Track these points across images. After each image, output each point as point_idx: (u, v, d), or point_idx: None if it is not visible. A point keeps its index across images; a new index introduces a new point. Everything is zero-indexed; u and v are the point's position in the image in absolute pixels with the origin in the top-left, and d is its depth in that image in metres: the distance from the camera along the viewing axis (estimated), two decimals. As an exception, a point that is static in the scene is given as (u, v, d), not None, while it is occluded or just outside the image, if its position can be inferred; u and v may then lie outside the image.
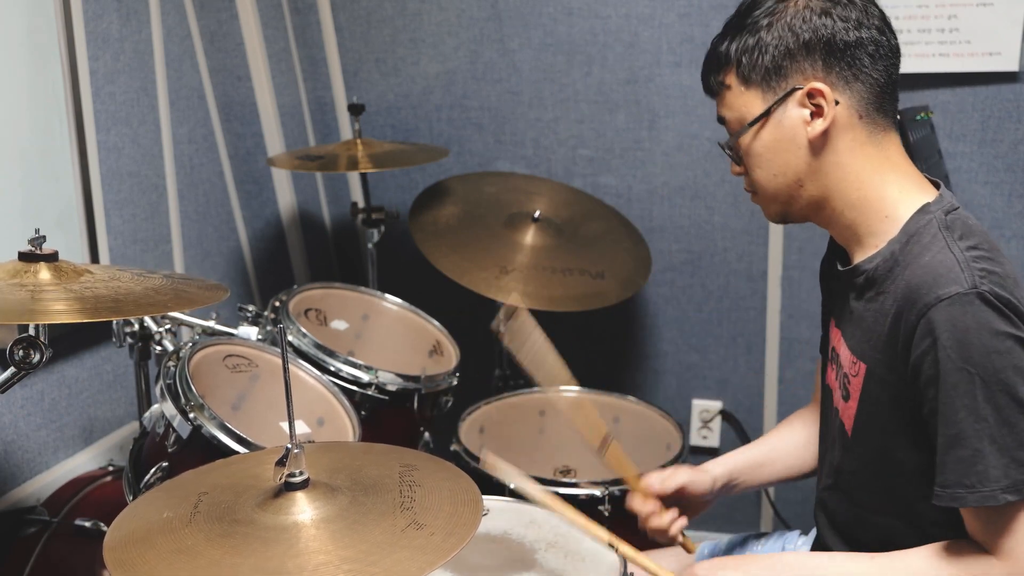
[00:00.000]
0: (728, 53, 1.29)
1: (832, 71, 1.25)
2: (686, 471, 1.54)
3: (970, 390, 1.12)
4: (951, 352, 1.13)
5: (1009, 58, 2.17)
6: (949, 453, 1.15)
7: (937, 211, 1.23)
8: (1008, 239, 2.30)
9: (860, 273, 1.29)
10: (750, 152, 1.31)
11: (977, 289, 1.13)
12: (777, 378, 2.58)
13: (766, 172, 1.31)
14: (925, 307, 1.15)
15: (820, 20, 1.24)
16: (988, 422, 1.12)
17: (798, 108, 1.26)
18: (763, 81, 1.27)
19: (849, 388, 1.32)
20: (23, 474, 1.89)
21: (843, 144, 1.26)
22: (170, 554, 1.03)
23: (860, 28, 1.24)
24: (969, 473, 1.14)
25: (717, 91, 1.33)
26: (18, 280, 1.26)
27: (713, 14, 2.39)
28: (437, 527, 1.06)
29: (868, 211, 1.28)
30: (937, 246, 1.19)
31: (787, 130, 1.27)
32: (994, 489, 1.12)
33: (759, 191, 1.34)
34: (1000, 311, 1.13)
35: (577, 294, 2.22)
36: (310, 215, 2.78)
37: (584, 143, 2.58)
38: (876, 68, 1.25)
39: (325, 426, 1.77)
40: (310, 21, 2.68)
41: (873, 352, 1.25)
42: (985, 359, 1.12)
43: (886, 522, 1.29)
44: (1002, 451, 1.12)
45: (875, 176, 1.27)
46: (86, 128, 1.96)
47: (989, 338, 1.12)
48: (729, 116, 1.33)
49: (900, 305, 1.19)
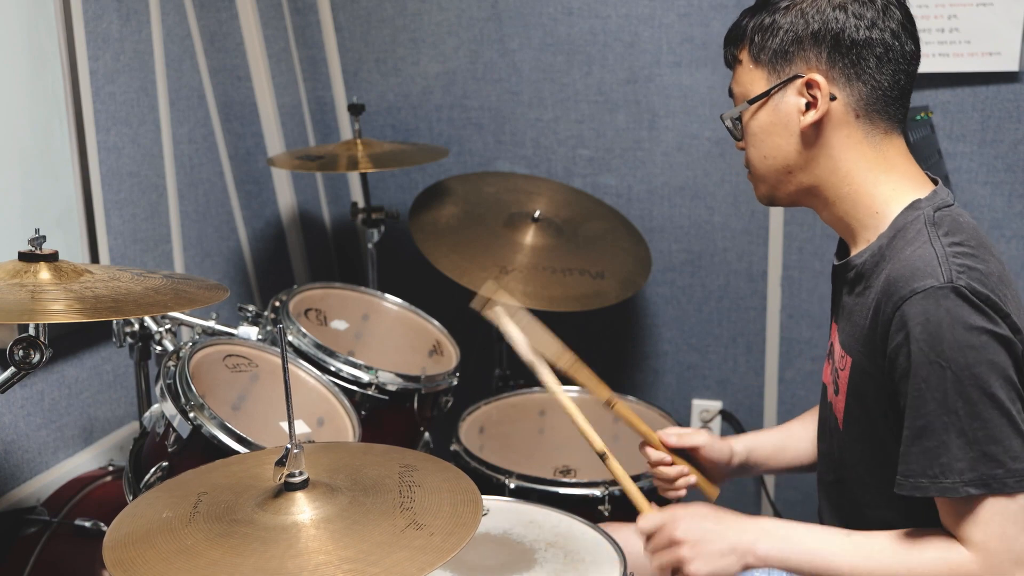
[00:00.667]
0: (745, 28, 1.32)
1: (835, 66, 1.25)
2: (707, 434, 1.54)
3: (941, 384, 1.13)
4: (923, 345, 1.13)
5: (1009, 58, 2.17)
6: (915, 443, 1.16)
7: (927, 207, 1.24)
8: (1008, 239, 2.30)
9: (851, 267, 1.30)
10: (748, 130, 1.34)
11: (952, 283, 1.13)
12: (777, 378, 2.58)
13: (758, 152, 1.33)
14: (900, 300, 1.16)
15: (834, 13, 1.24)
16: (958, 415, 1.13)
17: (796, 96, 1.27)
18: (770, 62, 1.29)
19: (839, 382, 1.33)
20: (23, 474, 1.89)
21: (835, 139, 1.27)
22: (170, 554, 1.03)
23: (872, 28, 1.24)
24: (933, 464, 1.14)
25: (732, 64, 1.36)
26: (18, 280, 1.26)
27: (713, 14, 2.39)
28: (437, 527, 1.06)
29: (859, 206, 1.29)
30: (920, 241, 1.20)
31: (782, 115, 1.29)
32: (956, 482, 1.13)
33: (751, 169, 1.37)
34: (975, 306, 1.13)
35: (577, 294, 2.22)
36: (310, 215, 2.78)
37: (584, 143, 2.58)
38: (882, 71, 1.25)
39: (325, 426, 1.77)
40: (310, 21, 2.68)
41: (857, 345, 1.27)
42: (957, 353, 1.12)
43: (883, 515, 1.29)
44: (970, 445, 1.13)
45: (867, 175, 1.28)
46: (86, 128, 1.97)
47: (963, 332, 1.12)
48: (737, 91, 1.35)
49: (879, 298, 1.20)
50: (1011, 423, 1.13)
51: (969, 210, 2.31)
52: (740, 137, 1.36)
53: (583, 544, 1.48)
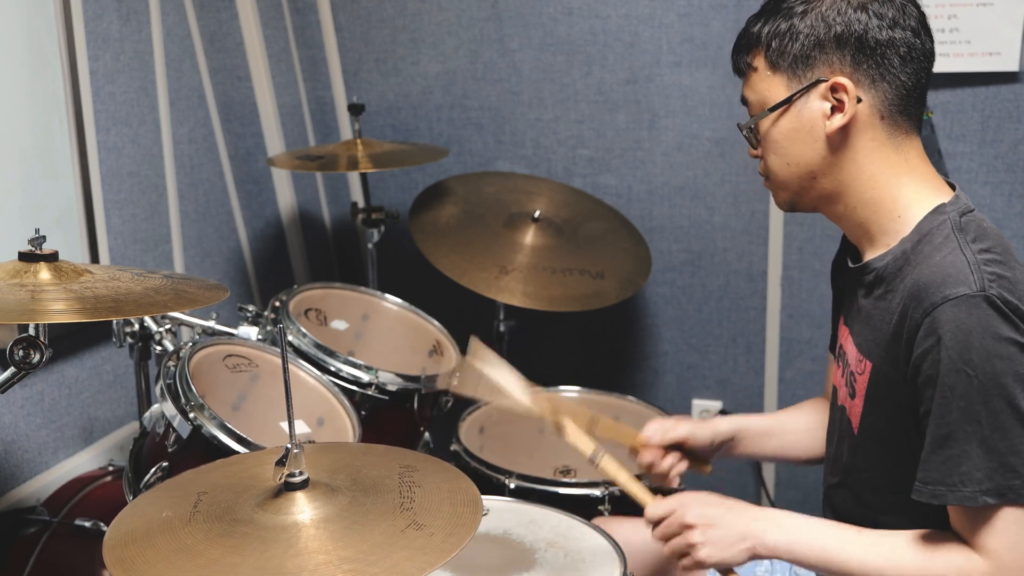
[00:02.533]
0: (759, 35, 1.28)
1: (860, 68, 1.23)
2: (687, 424, 1.54)
3: (967, 392, 1.12)
4: (952, 352, 1.12)
5: (1009, 58, 2.17)
6: (936, 451, 1.15)
7: (952, 212, 1.23)
8: (1008, 239, 2.30)
9: (870, 271, 1.28)
10: (767, 138, 1.31)
11: (985, 292, 1.12)
12: (777, 378, 2.58)
13: (780, 160, 1.30)
14: (931, 306, 1.14)
15: (855, 15, 1.22)
16: (981, 425, 1.12)
17: (820, 100, 1.25)
18: (790, 68, 1.26)
19: (855, 386, 1.32)
20: (23, 474, 1.89)
21: (861, 143, 1.26)
22: (170, 553, 1.03)
23: (895, 28, 1.22)
24: (953, 472, 1.14)
25: (744, 71, 1.33)
26: (18, 280, 1.26)
27: (713, 14, 2.39)
28: (437, 527, 1.06)
29: (881, 210, 1.27)
30: (949, 247, 1.18)
31: (806, 121, 1.26)
32: (975, 491, 1.13)
33: (771, 177, 1.34)
34: (1006, 316, 1.12)
35: (577, 294, 2.22)
36: (310, 215, 2.78)
37: (584, 143, 2.58)
38: (905, 70, 1.24)
39: (325, 426, 1.77)
40: (310, 21, 2.68)
41: (879, 350, 1.25)
42: (986, 362, 1.12)
43: (893, 521, 1.29)
44: (990, 454, 1.12)
45: (891, 178, 1.26)
46: (86, 128, 1.97)
47: (992, 342, 1.12)
48: (752, 98, 1.32)
49: (907, 303, 1.19)
50: None
51: (969, 210, 2.31)
52: (756, 145, 1.33)
53: (583, 544, 1.48)
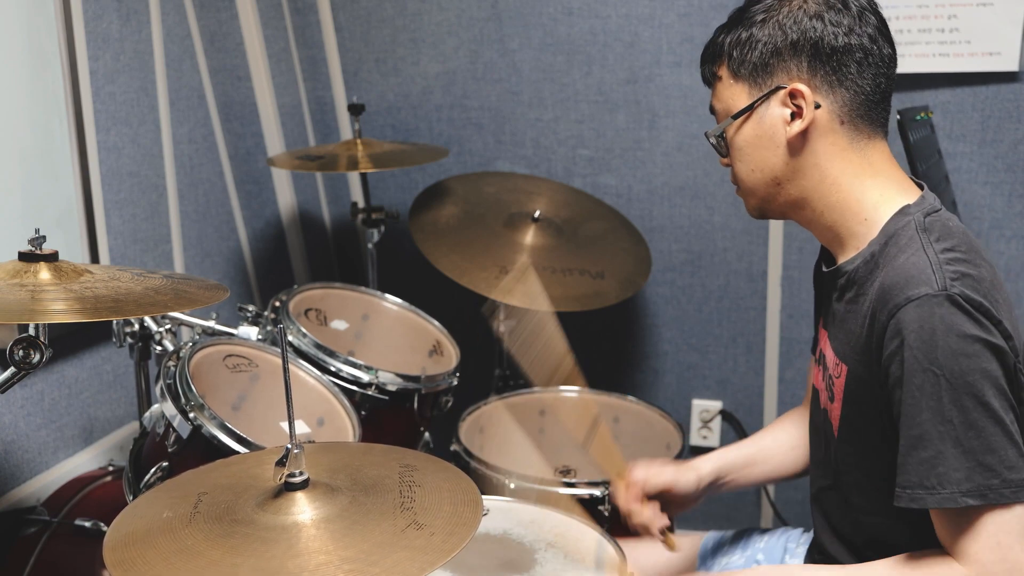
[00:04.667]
0: (723, 45, 1.32)
1: (817, 74, 1.26)
2: (671, 470, 1.55)
3: (935, 392, 1.13)
4: (917, 353, 1.13)
5: (1009, 58, 2.17)
6: (911, 454, 1.16)
7: (916, 213, 1.24)
8: (1008, 239, 2.30)
9: (842, 274, 1.30)
10: (733, 145, 1.34)
11: (947, 291, 1.13)
12: (777, 378, 2.58)
13: (746, 167, 1.33)
14: (895, 307, 1.16)
15: (811, 22, 1.25)
16: (952, 424, 1.12)
17: (780, 107, 1.28)
18: (750, 76, 1.29)
19: (834, 389, 1.33)
20: (23, 474, 1.89)
21: (822, 147, 1.27)
22: (170, 554, 1.03)
23: (850, 35, 1.25)
24: (930, 475, 1.14)
25: (711, 81, 1.36)
26: (18, 280, 1.26)
27: (713, 14, 2.39)
28: (437, 527, 1.06)
29: (847, 213, 1.29)
30: (912, 247, 1.20)
31: (767, 127, 1.29)
32: (954, 491, 1.13)
33: (740, 184, 1.37)
34: (969, 314, 1.13)
35: (577, 294, 2.22)
36: (310, 215, 2.78)
37: (584, 143, 2.58)
38: (863, 76, 1.26)
39: (325, 426, 1.77)
40: (310, 21, 2.68)
41: (853, 353, 1.26)
42: (951, 361, 1.12)
43: (879, 522, 1.29)
44: (966, 454, 1.12)
45: (855, 181, 1.28)
46: (86, 128, 1.97)
47: (956, 340, 1.12)
48: (718, 107, 1.35)
49: (874, 306, 1.20)
50: (1005, 432, 1.12)
51: (969, 210, 2.31)
52: (725, 153, 1.36)
53: (583, 544, 1.48)
